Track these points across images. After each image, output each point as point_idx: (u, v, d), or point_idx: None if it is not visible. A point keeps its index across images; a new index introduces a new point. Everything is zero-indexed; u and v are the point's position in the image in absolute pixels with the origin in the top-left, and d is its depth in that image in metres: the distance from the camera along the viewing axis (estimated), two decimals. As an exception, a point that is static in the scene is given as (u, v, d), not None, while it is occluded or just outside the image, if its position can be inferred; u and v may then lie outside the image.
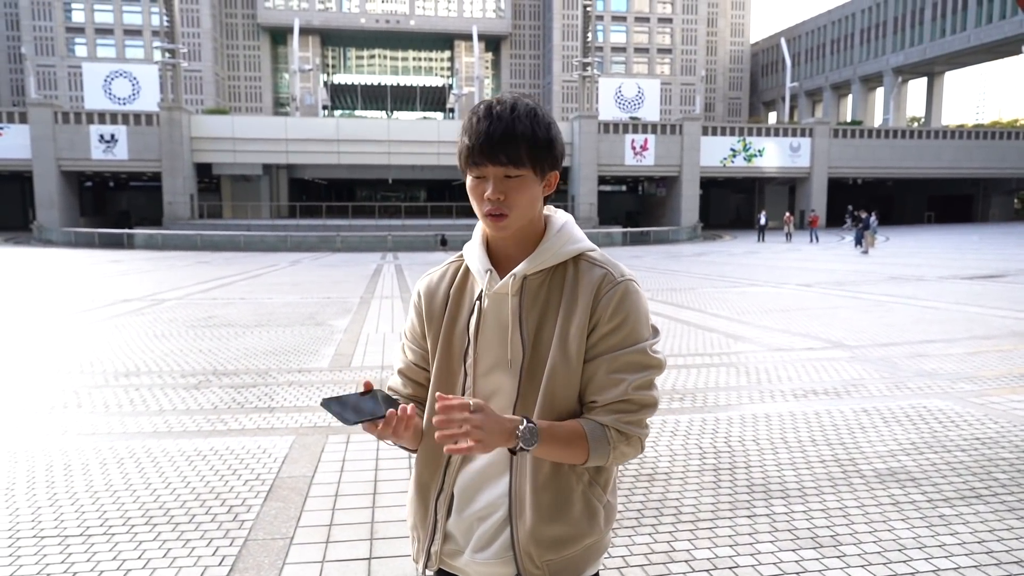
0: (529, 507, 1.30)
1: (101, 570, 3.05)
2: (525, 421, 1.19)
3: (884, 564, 3.06)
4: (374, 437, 1.29)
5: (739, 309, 11.38)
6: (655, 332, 1.33)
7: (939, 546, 3.22)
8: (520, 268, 1.33)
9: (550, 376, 1.30)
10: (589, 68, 45.75)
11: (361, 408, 1.22)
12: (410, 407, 1.24)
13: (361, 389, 1.27)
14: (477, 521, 1.35)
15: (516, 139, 1.25)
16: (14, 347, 8.39)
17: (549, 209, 1.43)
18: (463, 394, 1.37)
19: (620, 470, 4.21)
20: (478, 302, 1.37)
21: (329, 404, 1.20)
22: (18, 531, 3.40)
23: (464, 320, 1.39)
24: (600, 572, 1.44)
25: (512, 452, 1.22)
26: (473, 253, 1.40)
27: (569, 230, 1.38)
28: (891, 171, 50.46)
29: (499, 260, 1.38)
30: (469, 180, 1.32)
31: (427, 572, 1.44)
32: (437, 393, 1.16)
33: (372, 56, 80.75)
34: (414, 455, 1.45)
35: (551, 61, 72.10)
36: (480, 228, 1.42)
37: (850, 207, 44.76)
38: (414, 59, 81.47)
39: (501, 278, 1.34)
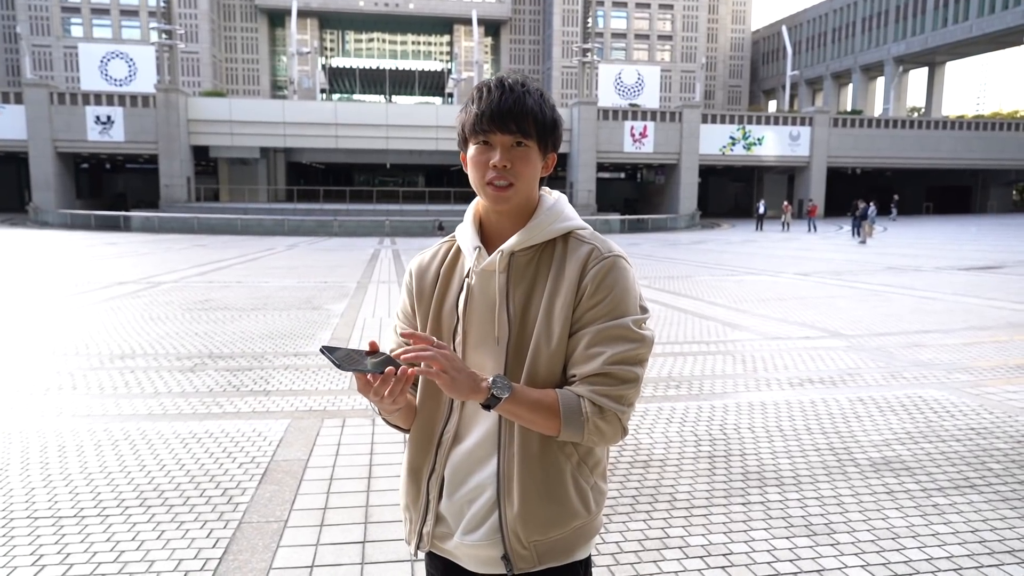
0: (517, 487, 1.29)
1: (95, 551, 3.04)
2: (494, 377, 1.21)
3: (878, 552, 3.07)
4: (370, 416, 1.27)
5: (736, 297, 11.38)
6: (644, 311, 1.31)
7: (933, 535, 3.23)
8: (507, 244, 1.32)
9: (534, 353, 1.29)
10: (589, 54, 45.45)
11: (358, 361, 1.18)
12: (410, 370, 1.21)
13: (367, 348, 1.23)
14: (467, 503, 1.35)
15: (526, 111, 1.28)
16: (9, 328, 8.36)
17: (543, 190, 1.43)
18: None
19: (615, 456, 4.21)
20: (466, 279, 1.36)
21: (327, 350, 1.16)
22: (12, 512, 3.40)
23: (453, 298, 1.38)
24: (592, 557, 1.43)
25: (486, 407, 1.21)
26: (464, 232, 1.40)
27: (560, 208, 1.37)
28: (890, 161, 50.37)
29: (491, 239, 1.37)
30: (472, 149, 1.31)
31: (419, 553, 1.44)
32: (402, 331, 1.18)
33: (371, 40, 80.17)
34: (407, 436, 1.45)
35: (551, 46, 71.67)
36: (472, 208, 1.42)
37: (896, 197, 44.91)
38: (413, 43, 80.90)
39: (490, 256, 1.33)
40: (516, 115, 1.26)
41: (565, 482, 1.32)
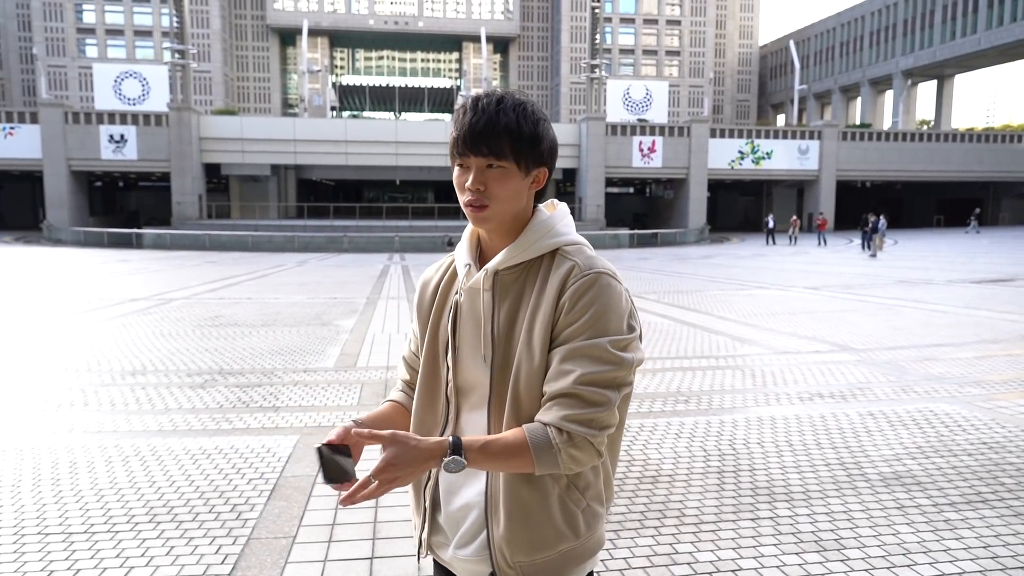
0: (503, 508, 1.29)
1: (105, 567, 3.06)
2: (451, 449, 1.17)
3: (888, 568, 3.04)
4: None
5: (746, 312, 11.34)
6: (630, 330, 1.26)
7: (944, 551, 3.20)
8: (492, 263, 1.32)
9: (516, 371, 1.28)
10: (597, 70, 45.70)
11: (342, 468, 1.23)
12: (364, 431, 1.23)
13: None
14: (460, 518, 1.36)
15: (499, 131, 1.25)
16: (23, 345, 8.44)
17: (551, 202, 1.43)
18: (445, 388, 1.39)
19: (623, 472, 4.20)
20: (455, 296, 1.38)
21: (320, 451, 1.24)
22: (23, 528, 3.42)
23: (447, 314, 1.40)
24: (600, 574, 1.43)
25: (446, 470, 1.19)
26: (461, 249, 1.41)
27: (550, 224, 1.34)
28: (900, 174, 50.20)
29: (487, 256, 1.38)
30: (455, 171, 1.32)
31: (421, 559, 1.46)
32: (355, 430, 1.22)
33: (380, 57, 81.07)
34: None
35: (559, 63, 72.16)
36: (471, 225, 1.42)
37: (978, 210, 44.67)
38: (422, 60, 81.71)
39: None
40: (488, 136, 1.24)
41: (551, 505, 1.29)
